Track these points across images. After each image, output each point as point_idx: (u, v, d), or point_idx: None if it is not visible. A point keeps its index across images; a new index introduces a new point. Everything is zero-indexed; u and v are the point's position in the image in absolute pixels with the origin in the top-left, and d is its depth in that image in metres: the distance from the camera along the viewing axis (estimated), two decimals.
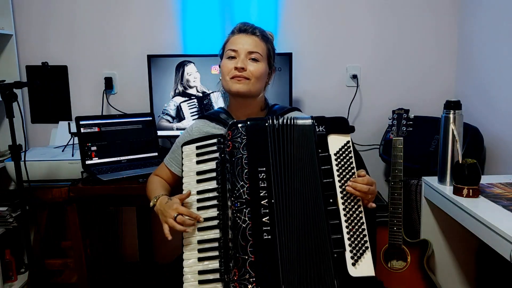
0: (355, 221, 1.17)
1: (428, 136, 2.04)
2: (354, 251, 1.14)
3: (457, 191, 1.52)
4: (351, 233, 1.15)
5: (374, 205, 1.21)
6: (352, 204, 1.18)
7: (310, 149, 1.21)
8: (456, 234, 1.81)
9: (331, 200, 1.17)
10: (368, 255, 1.14)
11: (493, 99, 1.98)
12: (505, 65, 1.88)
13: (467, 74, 2.23)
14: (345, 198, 1.18)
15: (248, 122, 1.23)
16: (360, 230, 1.16)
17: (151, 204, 1.35)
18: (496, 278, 1.78)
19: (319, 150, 1.21)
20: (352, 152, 1.22)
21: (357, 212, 1.18)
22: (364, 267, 1.13)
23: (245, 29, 1.39)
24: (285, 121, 1.23)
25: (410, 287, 1.76)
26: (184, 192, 1.26)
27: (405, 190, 1.89)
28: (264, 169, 1.18)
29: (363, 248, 1.15)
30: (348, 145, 1.22)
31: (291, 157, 1.20)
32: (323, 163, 1.20)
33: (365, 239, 1.16)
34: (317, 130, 1.22)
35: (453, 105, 1.61)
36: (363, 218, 1.18)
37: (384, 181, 2.40)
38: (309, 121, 1.24)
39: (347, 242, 1.14)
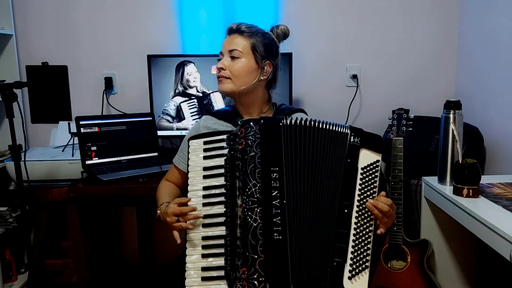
0: (364, 237, 1.16)
1: (428, 136, 2.04)
2: (354, 266, 1.13)
3: (457, 191, 1.52)
4: (356, 247, 1.15)
5: (383, 230, 1.19)
6: (366, 220, 1.17)
7: (337, 156, 1.19)
8: (456, 234, 1.81)
9: (346, 210, 1.16)
10: (365, 275, 1.14)
11: (493, 99, 1.98)
12: (505, 65, 1.88)
13: (467, 74, 2.23)
14: (359, 212, 1.17)
15: (262, 121, 1.20)
16: (365, 247, 1.15)
17: (157, 215, 1.34)
18: (496, 278, 1.78)
19: (348, 160, 1.19)
20: (378, 172, 1.20)
21: (367, 230, 1.17)
22: (359, 285, 1.13)
23: (230, 29, 1.38)
24: (304, 123, 1.20)
25: (410, 287, 1.76)
26: (189, 186, 1.25)
27: (405, 190, 1.89)
28: (277, 169, 1.15)
29: (363, 265, 1.14)
30: (377, 163, 1.20)
31: (308, 159, 1.17)
32: (348, 173, 1.18)
33: (367, 257, 1.15)
34: (352, 140, 1.21)
35: (453, 105, 1.61)
36: (372, 237, 1.16)
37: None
38: (346, 130, 1.21)
39: (349, 255, 1.14)
